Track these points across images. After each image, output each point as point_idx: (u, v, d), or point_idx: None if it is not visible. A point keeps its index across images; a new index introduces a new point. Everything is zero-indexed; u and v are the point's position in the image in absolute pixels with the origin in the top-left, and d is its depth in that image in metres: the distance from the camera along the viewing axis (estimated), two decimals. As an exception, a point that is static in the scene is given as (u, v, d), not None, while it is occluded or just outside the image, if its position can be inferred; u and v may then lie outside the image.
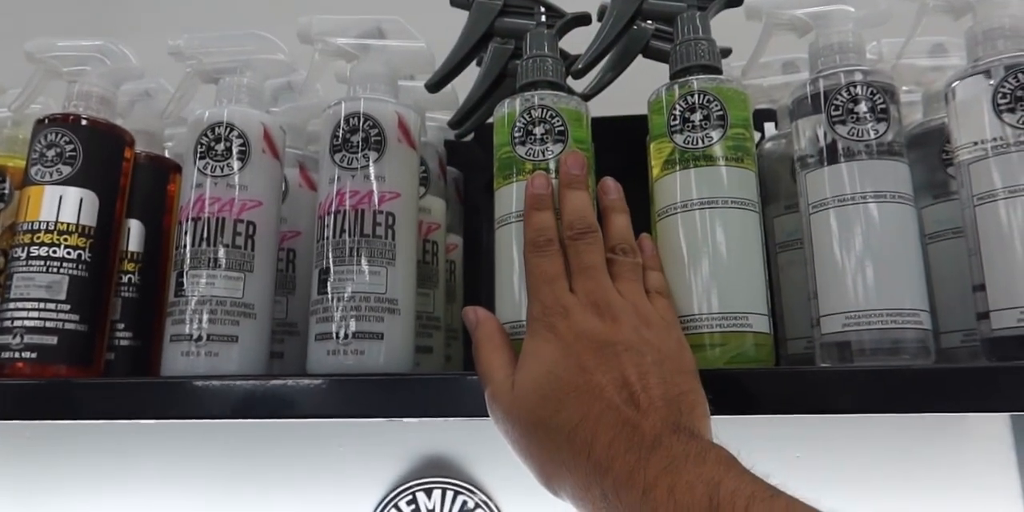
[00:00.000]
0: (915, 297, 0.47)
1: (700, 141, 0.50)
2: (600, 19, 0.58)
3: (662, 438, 0.36)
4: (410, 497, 0.72)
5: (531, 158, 0.51)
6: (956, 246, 0.53)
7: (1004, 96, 0.48)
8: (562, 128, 0.51)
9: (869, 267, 0.47)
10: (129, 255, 0.59)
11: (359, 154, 0.51)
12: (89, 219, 0.54)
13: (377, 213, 0.50)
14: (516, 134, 0.52)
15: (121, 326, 0.57)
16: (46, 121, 0.56)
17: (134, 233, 0.59)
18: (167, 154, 0.66)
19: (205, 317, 0.50)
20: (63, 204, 0.54)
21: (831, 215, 0.49)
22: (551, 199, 0.47)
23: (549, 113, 0.52)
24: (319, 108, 0.61)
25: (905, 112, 0.63)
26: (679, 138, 0.50)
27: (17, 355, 0.51)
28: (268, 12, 0.78)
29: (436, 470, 0.73)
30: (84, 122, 0.56)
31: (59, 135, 0.55)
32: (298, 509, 0.75)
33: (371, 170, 0.51)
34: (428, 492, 0.72)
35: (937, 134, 0.57)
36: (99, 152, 0.56)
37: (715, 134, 0.50)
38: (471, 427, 0.73)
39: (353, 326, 0.48)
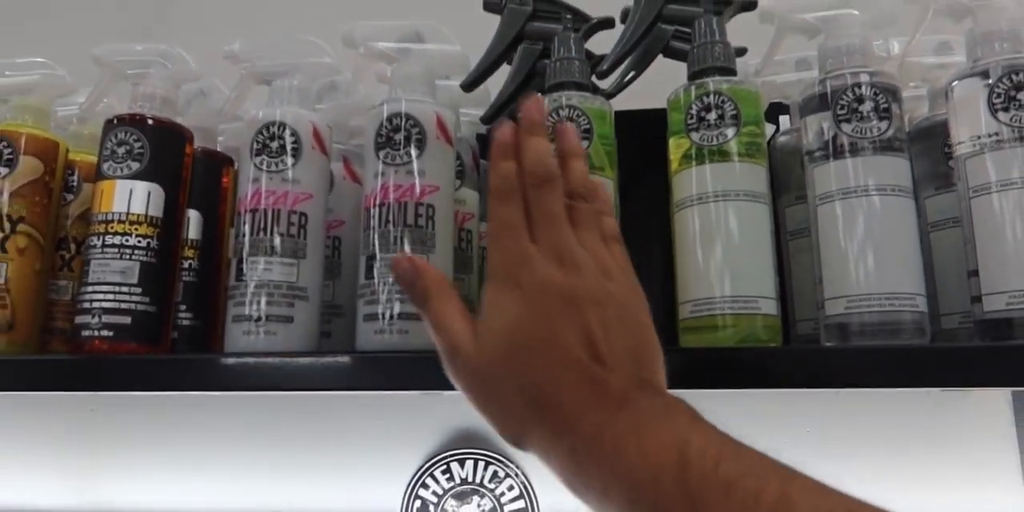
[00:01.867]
0: (912, 282, 0.51)
1: (715, 138, 0.54)
2: (623, 21, 0.62)
3: (628, 394, 0.36)
4: (444, 466, 0.78)
5: (560, 155, 0.55)
6: (956, 235, 0.57)
7: (999, 96, 0.52)
8: (588, 126, 0.56)
9: (869, 254, 0.51)
10: (189, 242, 0.64)
11: (401, 151, 0.56)
12: (156, 210, 0.60)
13: (419, 205, 0.55)
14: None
15: (183, 307, 0.63)
16: (115, 121, 0.61)
17: (193, 222, 0.65)
18: (219, 148, 0.71)
19: (263, 300, 0.55)
20: (133, 197, 0.59)
21: (836, 206, 0.53)
22: (515, 148, 0.45)
23: (576, 112, 0.56)
24: (361, 106, 0.66)
25: (912, 106, 0.67)
26: (695, 135, 0.55)
27: (96, 333, 0.56)
28: (312, 16, 0.83)
29: (469, 442, 0.78)
30: (150, 121, 0.61)
31: (128, 134, 0.60)
32: (340, 477, 0.80)
33: (413, 166, 0.56)
34: (461, 462, 0.77)
35: (941, 128, 0.61)
36: (164, 149, 0.61)
37: (729, 132, 0.54)
38: None
39: (397, 308, 0.53)
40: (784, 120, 0.74)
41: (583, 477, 0.36)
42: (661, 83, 0.59)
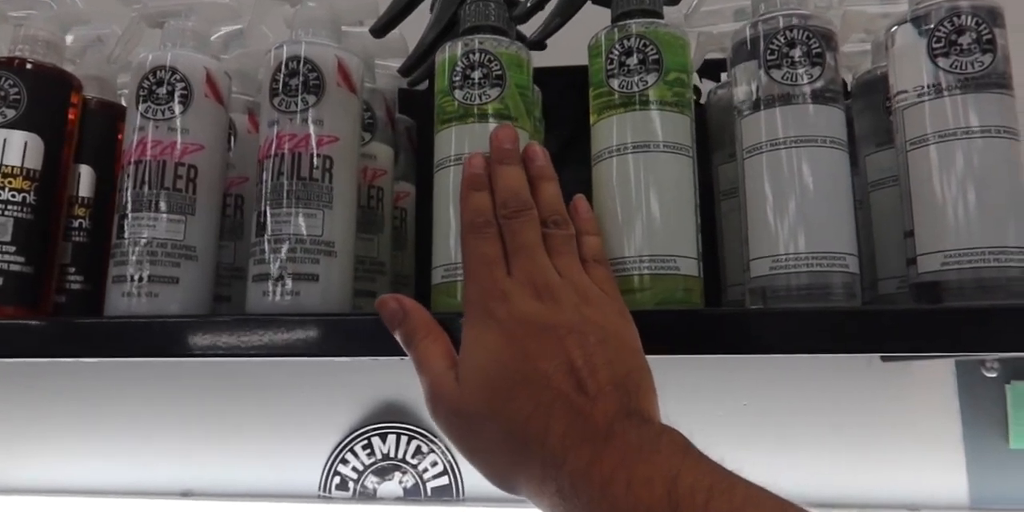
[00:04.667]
0: (843, 241, 0.48)
1: (635, 85, 0.50)
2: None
3: (614, 426, 0.35)
4: (365, 441, 0.74)
5: (468, 102, 0.51)
6: (896, 194, 0.53)
7: (939, 41, 0.48)
8: (500, 73, 0.51)
9: (797, 211, 0.47)
10: (80, 200, 0.59)
11: (297, 98, 0.51)
12: (34, 162, 0.55)
13: (315, 157, 0.50)
14: (455, 78, 0.52)
15: (72, 270, 0.58)
16: (-10, 65, 0.56)
17: (84, 178, 0.60)
18: (122, 102, 0.66)
19: (146, 259, 0.51)
20: (8, 147, 0.54)
21: (763, 160, 0.49)
22: (487, 179, 0.45)
23: (487, 57, 0.52)
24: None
25: (857, 61, 0.63)
26: (615, 82, 0.50)
27: (-40, 295, 0.51)
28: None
29: (391, 415, 0.74)
30: (29, 66, 0.56)
31: (4, 79, 0.55)
32: (254, 452, 0.76)
33: (309, 114, 0.51)
34: (383, 437, 0.73)
35: (883, 82, 0.57)
36: (44, 96, 0.56)
37: (650, 78, 0.50)
38: None
39: (289, 267, 0.49)
40: (724, 77, 0.70)
41: None
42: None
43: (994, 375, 0.68)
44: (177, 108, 0.53)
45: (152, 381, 0.80)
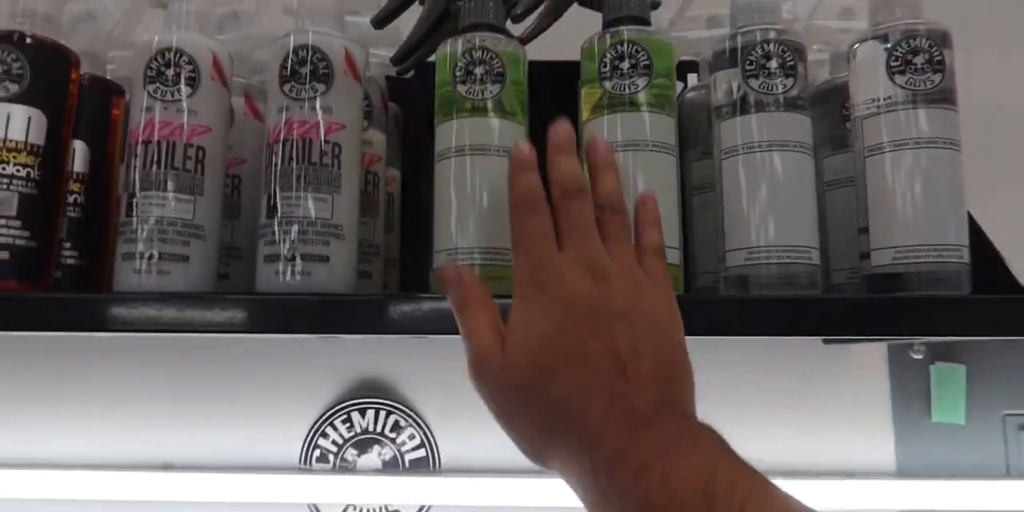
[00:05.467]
0: (808, 236, 0.53)
1: (627, 88, 0.54)
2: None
3: (655, 417, 0.36)
4: (345, 416, 0.77)
5: (471, 96, 0.54)
6: (849, 194, 0.59)
7: (896, 60, 0.54)
8: (500, 70, 0.55)
9: (771, 208, 0.53)
10: (75, 176, 0.60)
11: (307, 85, 0.54)
12: (38, 138, 0.55)
13: (324, 143, 0.53)
14: (457, 73, 0.55)
15: (67, 245, 0.59)
16: (-10, 38, 0.56)
17: (79, 154, 0.60)
18: (109, 78, 0.66)
19: (156, 237, 0.53)
20: (11, 122, 0.55)
21: (739, 161, 0.54)
22: (535, 164, 0.44)
23: (488, 55, 0.55)
24: (265, 38, 0.63)
25: (815, 71, 0.69)
26: (608, 84, 0.55)
27: (-31, 268, 0.52)
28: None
29: (369, 391, 0.77)
30: (30, 40, 0.56)
31: (7, 52, 0.55)
32: (236, 426, 0.78)
33: (318, 102, 0.54)
34: (362, 411, 0.77)
35: (840, 91, 0.63)
36: (47, 71, 0.56)
37: (641, 82, 0.54)
38: (402, 351, 0.78)
39: (300, 248, 0.51)
40: (692, 78, 0.75)
41: (604, 499, 0.35)
42: (578, 35, 0.59)
43: (920, 357, 0.76)
44: (185, 90, 0.55)
45: (134, 358, 0.81)
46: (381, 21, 0.60)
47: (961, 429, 0.74)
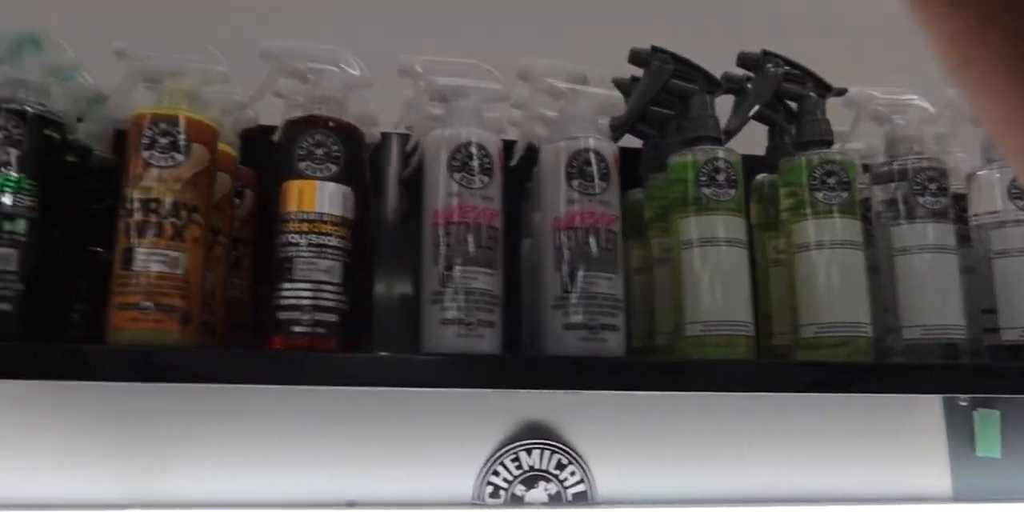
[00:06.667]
0: (957, 316, 0.70)
1: (834, 199, 0.69)
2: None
3: None
4: (513, 456, 0.85)
5: (715, 199, 0.67)
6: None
7: (1015, 187, 0.72)
8: (735, 178, 0.68)
9: (936, 292, 0.69)
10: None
11: (595, 183, 0.65)
12: (350, 212, 0.63)
13: (608, 231, 0.64)
14: (701, 178, 0.68)
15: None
16: (303, 122, 0.63)
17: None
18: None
19: (472, 306, 0.61)
20: (332, 199, 0.62)
21: (914, 259, 0.70)
22: None
23: (727, 164, 0.68)
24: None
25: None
26: (819, 194, 0.69)
27: (311, 330, 0.59)
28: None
29: (535, 433, 0.87)
30: (336, 124, 0.63)
31: (325, 136, 0.62)
32: (417, 466, 0.84)
33: (603, 196, 0.65)
34: (528, 451, 0.86)
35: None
36: (354, 152, 0.64)
37: (844, 194, 0.69)
38: (566, 399, 0.88)
39: (599, 319, 0.62)
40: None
41: None
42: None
43: (965, 404, 0.96)
44: (484, 180, 0.64)
45: (324, 404, 0.86)
46: (619, 130, 0.72)
47: (998, 461, 0.94)
